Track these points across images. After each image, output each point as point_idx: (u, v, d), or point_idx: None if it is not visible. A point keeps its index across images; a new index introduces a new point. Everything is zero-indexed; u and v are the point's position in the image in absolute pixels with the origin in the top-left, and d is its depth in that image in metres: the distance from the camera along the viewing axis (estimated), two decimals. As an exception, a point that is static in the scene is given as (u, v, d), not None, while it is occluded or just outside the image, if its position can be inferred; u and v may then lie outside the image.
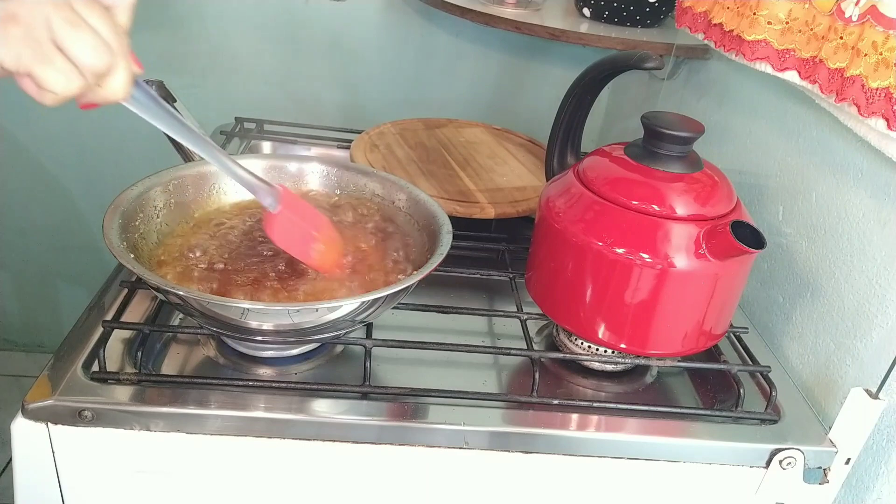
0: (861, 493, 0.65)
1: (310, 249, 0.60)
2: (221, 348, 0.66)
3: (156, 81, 0.80)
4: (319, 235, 0.61)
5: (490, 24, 1.07)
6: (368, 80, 1.36)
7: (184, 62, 1.32)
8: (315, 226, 0.62)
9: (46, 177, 1.42)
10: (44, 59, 0.38)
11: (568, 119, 0.72)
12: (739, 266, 0.62)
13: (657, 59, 0.63)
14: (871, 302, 0.65)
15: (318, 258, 0.61)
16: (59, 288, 1.58)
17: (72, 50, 0.38)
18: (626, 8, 1.09)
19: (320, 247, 0.61)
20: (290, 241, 0.60)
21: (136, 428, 0.56)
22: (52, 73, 0.38)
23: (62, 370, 0.58)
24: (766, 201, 0.82)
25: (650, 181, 0.62)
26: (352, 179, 0.74)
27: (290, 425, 0.58)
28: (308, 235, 0.60)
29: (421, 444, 0.59)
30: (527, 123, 1.16)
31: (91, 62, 0.39)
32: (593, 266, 0.62)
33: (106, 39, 0.39)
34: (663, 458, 0.61)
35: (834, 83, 0.65)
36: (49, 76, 0.38)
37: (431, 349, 0.66)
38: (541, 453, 0.60)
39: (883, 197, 0.65)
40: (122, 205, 0.62)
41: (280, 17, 1.29)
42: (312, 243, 0.61)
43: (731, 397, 0.66)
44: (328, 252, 0.62)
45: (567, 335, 0.70)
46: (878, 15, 0.60)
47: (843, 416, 0.61)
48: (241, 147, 1.01)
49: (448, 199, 0.85)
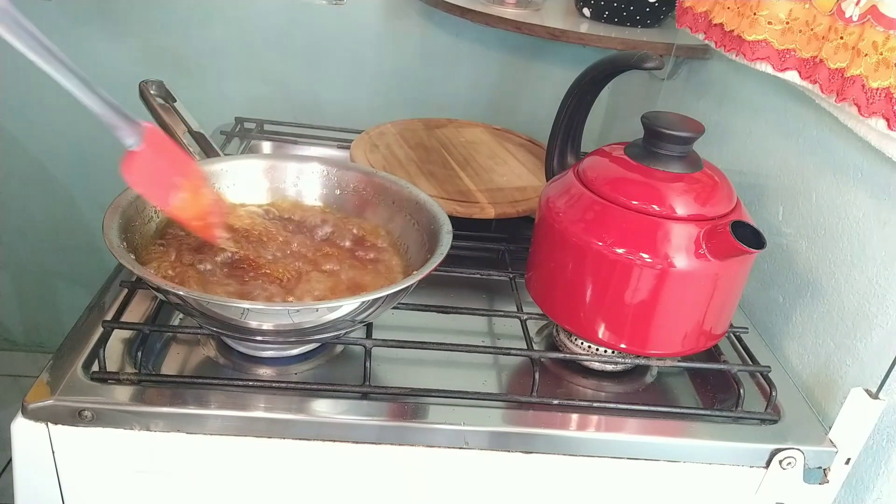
0: (861, 493, 0.65)
1: (169, 196, 0.57)
2: (221, 348, 0.66)
3: (156, 81, 0.80)
4: (184, 183, 0.57)
5: (490, 24, 1.07)
6: (368, 80, 1.36)
7: (184, 62, 1.32)
8: (181, 172, 0.58)
9: (46, 177, 1.42)
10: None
11: (568, 119, 0.72)
12: (739, 266, 0.62)
13: (657, 59, 0.63)
14: (871, 302, 0.65)
15: (178, 206, 0.57)
16: (59, 288, 1.58)
17: None
18: (626, 8, 1.09)
19: (183, 194, 0.57)
20: (148, 184, 0.56)
21: (136, 428, 0.56)
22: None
23: (62, 370, 0.58)
24: (766, 201, 0.82)
25: (650, 181, 0.62)
26: (352, 179, 0.74)
27: (290, 425, 0.58)
28: (169, 181, 0.57)
29: (421, 444, 0.59)
30: (527, 123, 1.16)
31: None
32: (593, 266, 0.62)
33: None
34: (663, 458, 0.61)
35: (834, 83, 0.65)
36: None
37: (431, 349, 0.66)
38: (541, 453, 0.60)
39: (883, 197, 0.65)
40: (122, 205, 0.62)
41: (280, 17, 1.29)
42: (173, 190, 0.57)
43: (731, 397, 0.66)
44: (191, 202, 0.58)
45: (567, 335, 0.70)
46: (879, 15, 0.60)
47: (843, 416, 0.61)
48: (240, 147, 1.01)
49: (448, 199, 0.85)
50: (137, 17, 1.28)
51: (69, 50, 0.48)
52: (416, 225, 0.70)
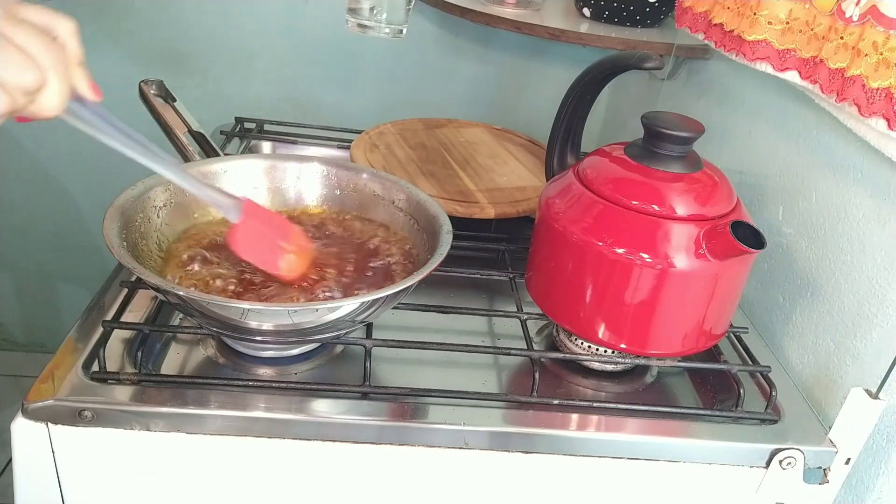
0: (861, 493, 0.65)
1: (277, 259, 0.59)
2: (221, 348, 0.66)
3: (156, 81, 0.80)
4: (288, 245, 0.60)
5: (490, 24, 1.07)
6: (368, 80, 1.36)
7: (184, 62, 1.32)
8: (283, 235, 0.60)
9: (46, 177, 1.42)
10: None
11: (568, 119, 0.72)
12: (739, 266, 0.62)
13: (657, 59, 0.63)
14: (871, 302, 0.65)
15: (286, 268, 0.60)
16: (59, 288, 1.58)
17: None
18: (626, 8, 1.09)
19: (290, 257, 0.60)
20: (255, 251, 0.59)
21: (136, 428, 0.56)
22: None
23: (62, 370, 0.58)
24: (766, 201, 0.82)
25: (650, 181, 0.62)
26: (352, 179, 0.74)
27: (290, 425, 0.58)
28: (274, 245, 0.59)
29: (421, 444, 0.59)
30: (527, 123, 1.16)
31: (17, 80, 0.39)
32: (593, 266, 0.62)
33: (35, 57, 0.40)
34: (663, 458, 0.61)
35: (834, 83, 0.65)
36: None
37: (431, 349, 0.66)
38: (541, 453, 0.60)
39: (883, 197, 0.65)
40: (122, 205, 0.62)
41: (280, 16, 1.30)
42: (280, 253, 0.59)
43: (731, 397, 0.66)
44: (298, 262, 0.61)
45: (567, 335, 0.70)
46: (879, 15, 0.60)
47: (843, 416, 0.61)
48: (240, 147, 1.01)
49: (448, 199, 0.85)
50: (137, 17, 1.28)
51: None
52: (416, 225, 0.70)
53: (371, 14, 0.71)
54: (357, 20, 0.73)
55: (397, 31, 0.73)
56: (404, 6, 0.72)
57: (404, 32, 0.73)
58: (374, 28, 0.73)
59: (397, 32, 0.73)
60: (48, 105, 0.41)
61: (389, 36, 0.73)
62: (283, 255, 0.60)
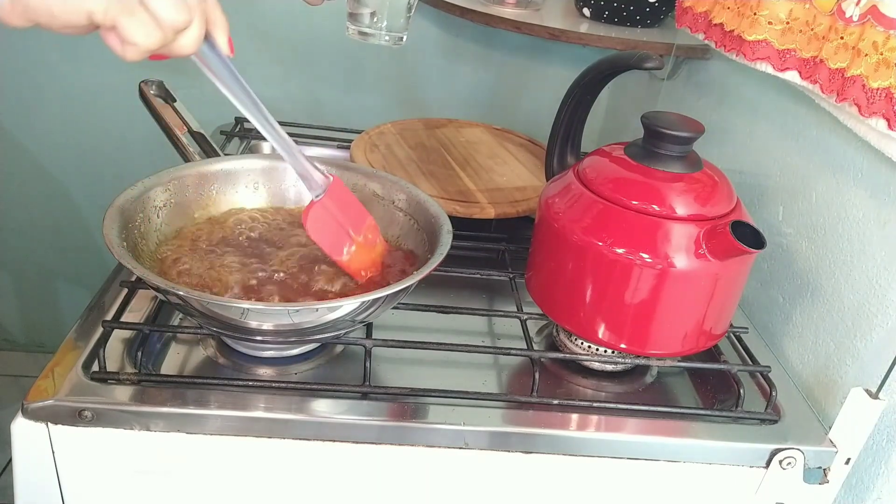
0: (861, 493, 0.65)
1: (341, 247, 0.59)
2: (221, 348, 0.66)
3: (156, 81, 0.80)
4: (357, 236, 0.60)
5: (490, 24, 1.07)
6: (368, 80, 1.36)
7: (184, 62, 1.32)
8: (355, 225, 0.60)
9: (46, 177, 1.42)
10: (129, 12, 0.41)
11: (568, 119, 0.72)
12: (739, 266, 0.62)
13: (657, 59, 0.63)
14: (871, 302, 0.65)
15: (347, 259, 0.60)
16: (59, 288, 1.58)
17: (154, 5, 0.41)
18: (626, 8, 1.09)
19: (353, 248, 0.60)
20: (323, 234, 0.59)
21: (136, 428, 0.56)
22: (135, 26, 0.41)
23: (62, 370, 0.58)
24: (766, 201, 0.82)
25: (650, 181, 0.62)
26: (352, 179, 0.74)
27: (290, 425, 0.58)
28: (343, 232, 0.59)
29: (421, 444, 0.59)
30: (527, 123, 1.16)
31: (171, 18, 0.42)
32: (593, 266, 0.62)
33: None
34: (663, 458, 0.61)
35: (834, 83, 0.65)
36: (133, 29, 0.41)
37: (431, 349, 0.66)
38: (541, 453, 0.60)
39: (883, 197, 0.65)
40: (122, 205, 0.62)
41: (280, 16, 1.29)
42: (347, 241, 0.59)
43: (731, 397, 0.66)
44: (359, 255, 0.61)
45: (567, 335, 0.70)
46: (879, 15, 0.60)
47: (843, 416, 0.61)
48: (240, 147, 1.01)
49: (448, 199, 0.85)
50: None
51: (69, 50, 0.48)
52: (416, 225, 0.70)
53: (372, 21, 0.72)
54: (358, 27, 0.73)
55: (398, 38, 0.73)
56: (405, 14, 0.72)
57: (405, 40, 0.74)
58: (374, 35, 0.73)
59: (398, 40, 0.73)
60: (186, 44, 0.46)
61: (390, 43, 0.73)
62: (350, 245, 0.60)
